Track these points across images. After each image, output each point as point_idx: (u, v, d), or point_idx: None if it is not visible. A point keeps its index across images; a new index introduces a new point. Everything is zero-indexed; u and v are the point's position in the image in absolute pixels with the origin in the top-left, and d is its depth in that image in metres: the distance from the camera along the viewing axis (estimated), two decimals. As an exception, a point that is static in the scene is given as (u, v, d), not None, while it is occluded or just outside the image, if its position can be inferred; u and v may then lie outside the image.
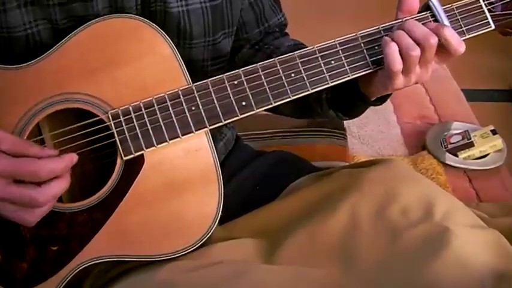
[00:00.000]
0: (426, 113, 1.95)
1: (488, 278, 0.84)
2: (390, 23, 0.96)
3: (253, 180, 1.14)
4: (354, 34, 0.95)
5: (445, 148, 1.74)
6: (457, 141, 1.75)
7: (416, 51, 0.91)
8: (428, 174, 1.63)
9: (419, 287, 0.85)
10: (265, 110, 0.95)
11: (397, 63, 0.91)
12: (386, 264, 0.89)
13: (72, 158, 0.84)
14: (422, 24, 0.93)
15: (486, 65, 2.30)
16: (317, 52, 0.94)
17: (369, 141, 1.81)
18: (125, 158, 0.89)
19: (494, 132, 1.76)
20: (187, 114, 0.90)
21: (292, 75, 0.93)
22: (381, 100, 1.03)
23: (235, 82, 0.92)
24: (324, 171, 1.12)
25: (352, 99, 1.03)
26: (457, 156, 1.73)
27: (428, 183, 1.02)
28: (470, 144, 1.73)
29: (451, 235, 0.87)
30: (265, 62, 0.93)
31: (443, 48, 0.93)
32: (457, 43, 0.93)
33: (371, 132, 1.84)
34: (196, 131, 0.90)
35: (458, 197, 1.03)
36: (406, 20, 0.94)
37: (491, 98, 2.31)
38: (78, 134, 0.89)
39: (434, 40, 0.91)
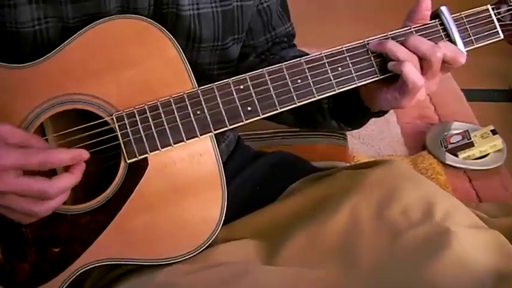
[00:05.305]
0: (426, 113, 1.95)
1: (488, 278, 0.84)
2: (398, 31, 0.95)
3: (253, 181, 1.14)
4: (362, 41, 0.94)
5: (445, 148, 1.74)
6: (457, 141, 1.75)
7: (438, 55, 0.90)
8: (428, 174, 1.63)
9: (419, 287, 0.85)
10: (267, 119, 0.95)
11: (419, 78, 0.90)
12: (387, 265, 0.89)
13: (82, 153, 0.83)
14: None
15: (486, 65, 2.30)
16: (324, 58, 0.93)
17: (369, 141, 1.81)
18: (128, 161, 0.88)
19: (494, 132, 1.76)
20: (192, 119, 0.90)
21: (299, 81, 0.92)
22: (382, 111, 1.02)
23: (241, 87, 0.91)
24: (324, 172, 1.12)
25: (353, 110, 1.02)
26: (457, 156, 1.73)
27: (429, 183, 1.03)
28: (470, 144, 1.73)
29: (451, 235, 0.88)
30: (272, 67, 0.92)
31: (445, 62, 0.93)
32: (459, 56, 0.93)
33: (371, 132, 1.83)
34: (201, 135, 0.90)
35: (458, 197, 1.03)
36: (411, 32, 0.94)
37: (491, 98, 2.31)
38: (82, 135, 0.89)
39: (440, 53, 0.91)
